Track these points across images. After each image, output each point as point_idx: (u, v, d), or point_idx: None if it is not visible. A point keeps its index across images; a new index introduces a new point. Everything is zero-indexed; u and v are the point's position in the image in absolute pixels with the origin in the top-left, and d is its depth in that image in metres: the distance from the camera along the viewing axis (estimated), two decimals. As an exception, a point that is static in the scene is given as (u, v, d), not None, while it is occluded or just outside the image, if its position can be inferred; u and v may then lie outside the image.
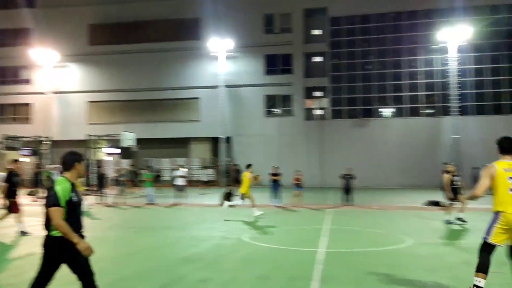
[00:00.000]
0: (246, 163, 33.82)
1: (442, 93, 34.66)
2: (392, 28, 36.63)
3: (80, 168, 4.22)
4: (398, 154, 34.20)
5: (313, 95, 37.88)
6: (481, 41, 34.26)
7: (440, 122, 34.24)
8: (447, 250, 8.94)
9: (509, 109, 34.32)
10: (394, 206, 18.73)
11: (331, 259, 8.04)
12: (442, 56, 33.93)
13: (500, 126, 33.11)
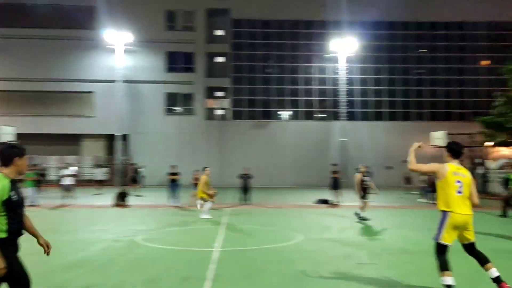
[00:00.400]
0: (144, 162, 33.09)
1: (333, 99, 37.26)
2: (290, 35, 38.44)
3: (21, 164, 3.76)
4: (294, 155, 36.00)
5: (215, 95, 38.13)
6: (366, 53, 37.59)
7: (331, 126, 36.77)
8: (330, 245, 9.64)
9: (388, 116, 38.11)
10: (288, 204, 19.65)
11: (226, 258, 8.18)
12: (334, 65, 36.48)
13: (381, 131, 36.83)
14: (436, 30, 38.54)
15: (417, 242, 10.15)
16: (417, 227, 12.75)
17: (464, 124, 33.86)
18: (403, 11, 37.13)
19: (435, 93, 38.53)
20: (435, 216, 14.50)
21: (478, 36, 38.59)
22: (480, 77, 38.54)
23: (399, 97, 38.43)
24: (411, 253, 8.87)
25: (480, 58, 39.01)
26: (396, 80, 38.47)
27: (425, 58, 38.75)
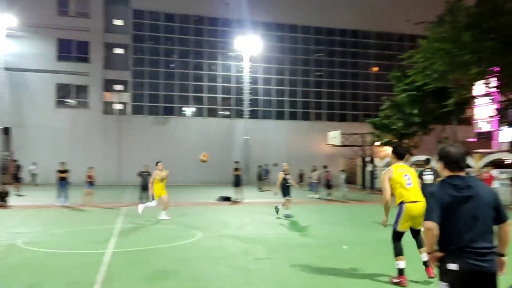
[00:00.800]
0: (30, 158, 30.12)
1: (237, 97, 37.62)
2: (194, 30, 37.94)
3: None
4: (197, 152, 35.45)
5: (114, 88, 36.11)
6: (270, 54, 38.62)
7: (234, 124, 37.07)
8: (230, 241, 9.57)
9: (289, 116, 39.59)
10: (189, 202, 19.28)
11: (118, 260, 7.67)
12: (238, 63, 36.83)
13: (283, 130, 38.09)
14: (333, 36, 40.95)
15: (314, 235, 10.54)
16: (314, 221, 13.26)
17: (357, 125, 36.50)
18: (304, 16, 38.82)
19: (332, 95, 40.93)
20: (329, 211, 15.10)
21: (369, 44, 41.86)
22: (371, 82, 41.84)
23: (300, 98, 40.12)
24: (308, 246, 9.15)
25: (371, 64, 42.33)
26: (297, 81, 40.10)
27: (324, 61, 40.96)
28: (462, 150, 3.19)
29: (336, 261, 7.72)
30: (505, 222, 3.06)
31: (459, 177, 3.10)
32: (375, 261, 7.63)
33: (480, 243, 2.95)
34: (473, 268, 2.92)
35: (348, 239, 9.99)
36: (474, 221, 2.98)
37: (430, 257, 3.13)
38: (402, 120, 28.66)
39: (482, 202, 3.00)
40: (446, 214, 3.02)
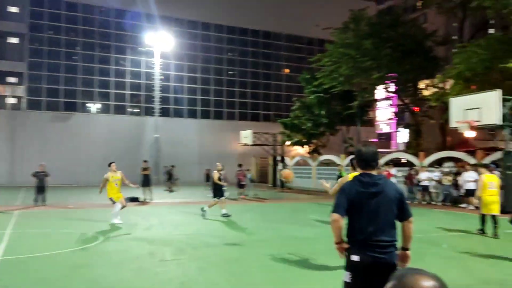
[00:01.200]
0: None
1: (146, 94, 36.23)
2: (100, 22, 35.80)
3: None
4: (103, 151, 33.57)
5: (6, 81, 32.70)
6: (182, 51, 37.85)
7: (143, 122, 35.65)
8: (135, 244, 8.99)
9: (201, 114, 39.14)
10: (93, 204, 17.98)
11: (6, 268, 6.76)
12: (148, 59, 35.49)
13: (195, 129, 37.51)
14: (246, 36, 41.35)
15: (221, 235, 10.32)
16: (222, 220, 13.06)
17: (269, 125, 37.20)
18: (217, 14, 38.68)
19: (244, 94, 41.29)
20: (235, 209, 14.80)
21: (281, 46, 42.98)
22: (282, 83, 42.99)
23: (213, 96, 39.84)
24: (215, 246, 8.91)
25: (283, 66, 43.50)
26: (210, 79, 39.78)
27: (236, 61, 41.17)
28: (373, 150, 3.33)
29: (244, 259, 7.59)
30: (408, 219, 3.24)
31: (369, 175, 3.24)
32: (281, 258, 7.62)
33: (381, 236, 3.10)
34: (373, 259, 3.07)
35: (258, 238, 9.94)
36: (377, 216, 3.13)
37: (337, 248, 3.27)
38: (311, 121, 29.77)
39: (386, 199, 3.15)
40: (353, 209, 3.17)
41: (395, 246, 3.17)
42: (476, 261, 7.65)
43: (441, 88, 24.47)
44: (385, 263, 3.05)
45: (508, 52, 17.38)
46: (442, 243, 9.25)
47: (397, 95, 29.29)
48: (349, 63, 25.12)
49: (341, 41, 26.09)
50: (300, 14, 40.75)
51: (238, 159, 35.84)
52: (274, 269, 6.92)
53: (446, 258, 7.85)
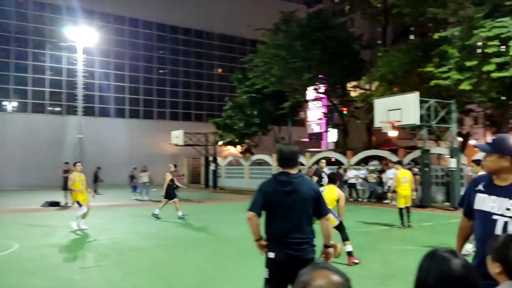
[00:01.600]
0: None
1: (68, 92, 34.17)
2: (16, 14, 33.19)
3: None
4: (19, 152, 31.17)
5: None
6: (108, 47, 36.23)
7: (66, 121, 33.58)
8: (53, 251, 8.32)
9: (130, 114, 37.72)
10: (7, 209, 16.53)
11: None
12: (71, 55, 33.51)
13: (123, 129, 36.02)
14: (177, 34, 40.47)
15: (150, 238, 9.91)
16: (152, 223, 12.60)
17: (201, 125, 36.73)
18: (146, 10, 37.49)
19: (176, 94, 40.38)
20: (167, 211, 14.26)
21: (213, 46, 42.65)
22: (215, 82, 42.65)
23: (142, 95, 38.52)
24: (143, 249, 8.51)
25: (215, 65, 43.17)
26: (139, 78, 38.42)
27: (167, 59, 40.14)
28: (292, 150, 3.36)
29: (173, 262, 7.32)
30: (323, 217, 3.30)
31: (286, 174, 3.27)
32: (211, 259, 7.44)
33: (295, 234, 3.16)
34: (287, 256, 3.14)
35: (188, 239, 9.67)
36: (291, 214, 3.18)
37: (257, 245, 3.33)
38: (243, 121, 29.84)
39: (300, 197, 3.18)
40: (268, 207, 3.23)
41: (310, 243, 3.22)
42: (395, 252, 8.01)
43: (367, 90, 25.68)
44: (300, 260, 3.07)
45: (425, 57, 18.59)
46: (366, 237, 9.58)
47: (326, 96, 30.29)
48: (281, 63, 25.51)
49: (273, 42, 26.45)
50: (232, 14, 40.74)
51: (169, 160, 34.97)
52: (204, 270, 6.77)
53: (369, 250, 8.12)
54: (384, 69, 20.03)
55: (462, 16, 15.72)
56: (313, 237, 3.26)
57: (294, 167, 3.32)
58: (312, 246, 3.26)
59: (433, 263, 1.52)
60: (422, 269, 1.55)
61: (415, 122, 14.85)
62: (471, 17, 15.05)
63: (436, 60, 16.41)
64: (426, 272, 1.52)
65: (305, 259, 3.13)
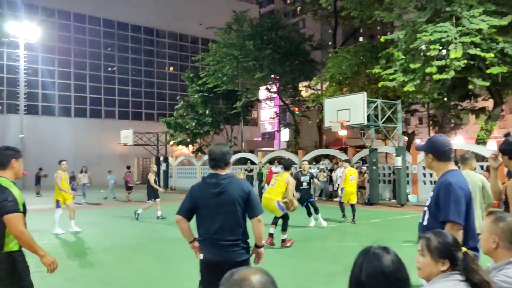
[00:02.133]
0: None
1: (9, 90, 32.32)
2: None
3: (18, 167, 3.32)
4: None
5: None
6: (53, 43, 34.63)
7: (6, 120, 31.71)
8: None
9: (76, 112, 36.21)
10: None
11: None
12: (11, 51, 31.68)
13: (69, 128, 34.50)
14: (126, 31, 39.30)
15: (94, 241, 9.51)
16: (96, 226, 12.13)
17: (152, 124, 35.92)
18: (92, 6, 36.15)
19: (125, 92, 39.20)
20: (114, 212, 13.72)
21: (164, 44, 41.83)
22: (166, 81, 41.87)
23: (89, 94, 37.08)
24: (86, 253, 8.15)
25: (166, 64, 42.37)
26: (86, 75, 36.94)
27: (116, 57, 38.88)
28: (222, 150, 3.31)
29: (117, 265, 7.05)
30: (254, 218, 3.25)
31: (215, 175, 3.26)
32: (155, 261, 7.24)
33: (223, 235, 3.15)
34: (216, 258, 3.14)
35: (134, 241, 9.38)
36: (219, 216, 3.17)
37: (191, 247, 3.34)
38: (195, 120, 29.48)
39: (229, 199, 3.16)
40: (197, 209, 3.23)
41: (240, 245, 3.19)
42: (343, 248, 8.16)
43: (318, 90, 26.17)
44: (228, 261, 3.07)
45: (373, 58, 19.20)
46: (315, 234, 9.72)
47: (278, 95, 30.58)
48: (233, 63, 25.44)
49: (225, 41, 26.32)
50: (184, 12, 40.18)
51: (119, 160, 33.98)
52: (150, 272, 6.58)
53: (317, 247, 8.22)
54: (334, 70, 20.47)
55: (406, 20, 16.36)
56: (244, 239, 3.24)
57: (224, 167, 3.29)
58: (244, 248, 3.22)
59: (366, 259, 1.60)
60: (356, 265, 1.63)
61: (363, 121, 15.26)
62: (414, 22, 15.70)
63: (383, 62, 16.96)
64: (359, 268, 1.60)
65: (235, 261, 3.12)
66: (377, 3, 18.78)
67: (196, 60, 30.08)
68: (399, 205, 15.94)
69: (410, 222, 11.23)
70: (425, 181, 17.20)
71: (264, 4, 62.39)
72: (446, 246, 1.96)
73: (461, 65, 14.00)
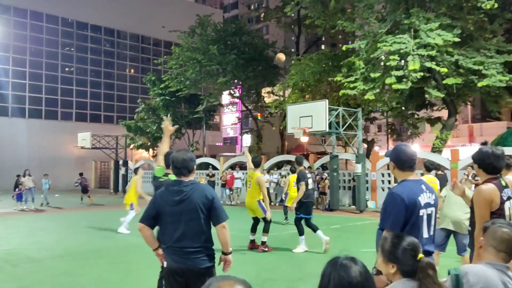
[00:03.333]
0: None
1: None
2: None
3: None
4: None
5: None
6: (7, 41, 33.18)
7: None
8: None
9: (31, 113, 34.71)
10: None
11: None
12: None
13: (22, 129, 32.98)
14: (85, 31, 38.13)
15: (48, 248, 9.08)
16: (49, 233, 11.61)
17: (111, 127, 34.94)
18: (51, 4, 34.92)
19: (84, 93, 37.94)
20: (73, 217, 13.30)
21: (125, 45, 40.91)
22: (127, 83, 40.89)
23: (45, 94, 35.63)
24: (41, 260, 7.77)
25: (127, 66, 41.41)
26: (42, 75, 35.49)
27: (74, 57, 37.59)
28: (183, 157, 3.23)
29: (75, 273, 6.76)
30: (220, 224, 3.21)
31: (178, 182, 3.22)
32: (115, 269, 7.00)
33: (186, 242, 3.12)
34: (178, 265, 3.12)
35: (92, 247, 9.03)
36: (181, 223, 3.14)
37: (155, 255, 3.31)
38: (156, 124, 28.97)
39: (191, 205, 3.13)
40: (160, 217, 3.20)
41: (204, 252, 3.16)
42: (304, 255, 8.21)
43: (281, 96, 26.39)
44: (191, 269, 3.09)
45: (335, 67, 19.59)
46: (276, 240, 9.72)
47: (240, 100, 30.60)
48: (196, 67, 25.25)
49: (188, 45, 26.09)
50: (147, 14, 39.51)
51: (75, 163, 32.82)
52: (107, 280, 6.36)
53: (279, 253, 8.23)
54: (296, 77, 20.72)
55: (367, 31, 16.83)
56: (208, 246, 3.20)
57: (188, 174, 3.24)
58: (208, 255, 3.19)
59: (334, 270, 1.62)
60: (325, 275, 1.64)
61: (325, 128, 15.51)
62: (375, 32, 16.17)
63: (345, 70, 17.35)
64: (328, 279, 1.62)
65: (198, 268, 3.11)
66: (340, 13, 19.22)
67: (158, 63, 29.62)
68: (359, 211, 16.27)
69: (369, 228, 11.48)
70: (383, 187, 17.68)
71: (228, 9, 62.51)
72: (395, 251, 2.03)
73: (417, 77, 14.55)
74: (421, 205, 2.79)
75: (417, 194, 2.81)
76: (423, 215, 2.81)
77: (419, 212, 2.78)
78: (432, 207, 2.87)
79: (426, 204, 2.83)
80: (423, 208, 2.80)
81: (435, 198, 2.91)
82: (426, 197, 2.84)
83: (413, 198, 2.78)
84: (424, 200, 2.82)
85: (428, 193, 2.86)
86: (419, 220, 2.79)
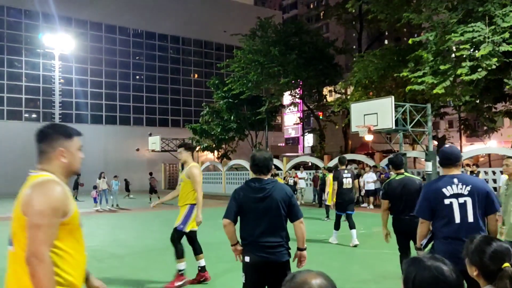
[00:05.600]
0: None
1: (45, 99, 33.44)
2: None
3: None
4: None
5: None
6: (86, 54, 35.66)
7: (41, 128, 32.81)
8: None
9: (107, 120, 37.04)
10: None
11: None
12: (47, 62, 32.80)
13: (100, 135, 35.30)
14: (153, 40, 40.09)
15: (129, 245, 9.70)
16: (128, 231, 12.34)
17: (178, 130, 36.43)
18: (121, 17, 37.08)
19: (153, 99, 39.93)
20: (146, 217, 13.97)
21: (189, 51, 42.43)
22: (192, 88, 42.40)
23: (119, 102, 37.94)
24: (122, 256, 8.35)
25: (192, 71, 42.94)
26: (116, 84, 37.85)
27: (144, 65, 39.67)
28: (265, 156, 3.41)
29: (151, 268, 7.17)
30: (297, 221, 3.37)
31: (259, 180, 3.37)
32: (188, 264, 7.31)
33: (268, 238, 3.28)
34: (261, 260, 3.28)
35: (166, 245, 9.51)
36: (264, 219, 3.29)
37: (233, 250, 3.46)
38: (220, 126, 29.73)
39: (273, 203, 3.29)
40: (242, 213, 3.36)
41: (284, 246, 3.33)
42: (375, 255, 8.06)
43: (343, 94, 25.96)
44: (274, 262, 3.27)
45: (400, 62, 18.90)
46: (346, 241, 9.63)
47: (302, 100, 30.51)
48: (258, 69, 25.56)
49: (249, 47, 26.48)
50: (208, 20, 40.68)
51: (146, 166, 34.56)
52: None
53: (348, 255, 8.16)
54: (359, 74, 20.25)
55: (436, 22, 15.99)
56: (287, 240, 3.38)
57: (267, 173, 3.42)
58: (287, 249, 3.37)
59: (421, 270, 1.52)
60: (409, 276, 1.55)
61: (391, 126, 15.04)
62: (445, 23, 15.33)
63: (411, 65, 16.65)
64: (414, 279, 1.52)
65: (279, 261, 3.30)
66: (405, 5, 18.48)
67: (221, 67, 30.36)
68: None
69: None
70: (456, 185, 16.78)
71: (288, 9, 62.54)
72: (477, 254, 1.93)
73: (492, 65, 13.56)
74: (445, 195, 3.27)
75: (443, 186, 3.31)
76: (451, 204, 3.26)
77: (444, 201, 3.26)
78: (466, 197, 3.25)
79: (454, 194, 3.27)
80: (449, 198, 3.26)
81: (470, 189, 3.25)
82: (456, 188, 3.27)
83: (437, 189, 3.33)
84: (452, 191, 3.27)
85: (460, 184, 3.28)
86: (445, 208, 3.27)
